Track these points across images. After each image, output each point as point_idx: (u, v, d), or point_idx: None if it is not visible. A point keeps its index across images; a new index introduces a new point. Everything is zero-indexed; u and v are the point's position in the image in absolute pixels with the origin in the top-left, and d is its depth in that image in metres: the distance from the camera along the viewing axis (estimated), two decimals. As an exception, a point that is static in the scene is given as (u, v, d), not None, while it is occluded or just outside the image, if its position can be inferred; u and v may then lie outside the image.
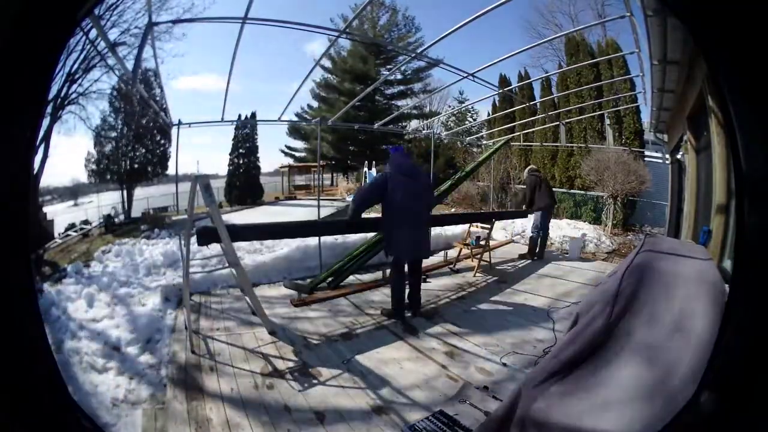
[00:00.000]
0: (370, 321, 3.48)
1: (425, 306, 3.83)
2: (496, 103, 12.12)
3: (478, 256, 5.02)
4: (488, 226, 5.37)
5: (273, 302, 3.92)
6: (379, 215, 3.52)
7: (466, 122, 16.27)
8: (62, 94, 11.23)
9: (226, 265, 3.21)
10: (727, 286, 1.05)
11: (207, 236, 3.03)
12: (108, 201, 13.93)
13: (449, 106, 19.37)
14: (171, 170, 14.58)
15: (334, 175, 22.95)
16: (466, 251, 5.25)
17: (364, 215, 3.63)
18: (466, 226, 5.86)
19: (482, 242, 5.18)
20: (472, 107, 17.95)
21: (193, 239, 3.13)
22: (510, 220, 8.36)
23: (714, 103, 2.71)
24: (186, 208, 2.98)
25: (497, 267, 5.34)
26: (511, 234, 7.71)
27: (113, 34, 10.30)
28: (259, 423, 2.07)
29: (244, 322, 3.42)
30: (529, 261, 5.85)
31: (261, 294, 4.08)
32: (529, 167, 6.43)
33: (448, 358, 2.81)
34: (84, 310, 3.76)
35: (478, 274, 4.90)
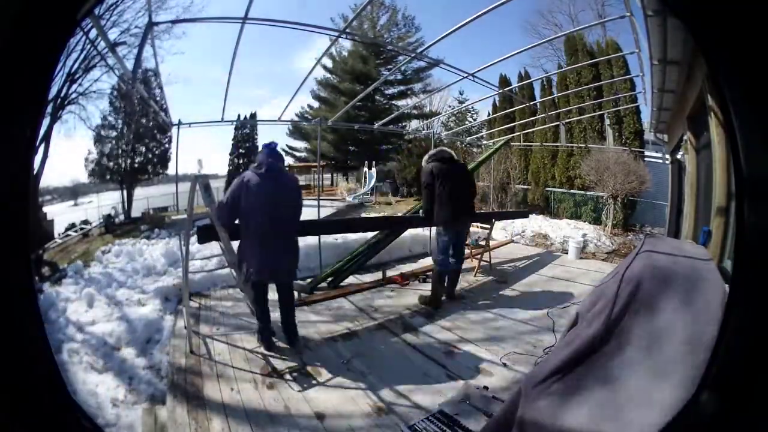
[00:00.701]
0: (370, 321, 3.48)
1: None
2: (497, 103, 12.12)
3: (478, 256, 5.02)
4: (488, 226, 5.38)
5: (273, 303, 3.92)
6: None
7: (466, 122, 16.27)
8: (62, 94, 11.24)
9: (226, 265, 3.21)
10: (727, 286, 1.05)
11: (207, 235, 3.03)
12: (108, 201, 13.94)
13: (449, 106, 19.37)
14: (171, 170, 14.61)
15: (334, 175, 22.96)
16: (466, 251, 5.25)
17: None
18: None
19: (482, 242, 5.18)
20: (472, 107, 17.95)
21: (193, 239, 3.13)
22: (510, 220, 8.38)
23: (714, 103, 2.71)
24: (186, 208, 2.97)
25: (497, 267, 5.34)
26: (511, 234, 7.72)
27: (113, 34, 10.33)
28: (258, 423, 2.07)
29: (244, 322, 3.42)
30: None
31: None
32: (438, 149, 3.86)
33: (448, 358, 2.81)
34: (84, 311, 3.76)
35: (478, 275, 4.90)
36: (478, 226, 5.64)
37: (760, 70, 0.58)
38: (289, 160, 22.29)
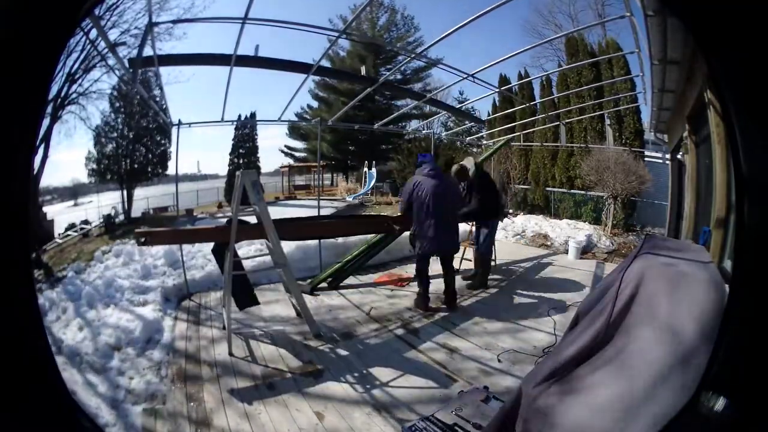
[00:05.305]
0: (371, 321, 3.48)
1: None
2: (497, 103, 12.11)
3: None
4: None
5: (272, 303, 3.92)
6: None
7: (466, 122, 16.25)
8: (62, 94, 11.24)
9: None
10: (727, 286, 1.05)
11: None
12: (108, 201, 13.94)
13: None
14: (171, 170, 14.60)
15: (334, 175, 22.95)
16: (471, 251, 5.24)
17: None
18: (468, 225, 5.84)
19: None
20: (472, 107, 17.89)
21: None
22: (510, 220, 8.38)
23: (714, 103, 2.71)
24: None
25: (502, 267, 5.33)
26: (512, 234, 7.71)
27: (113, 35, 10.32)
28: (258, 423, 2.07)
29: (245, 322, 3.42)
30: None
31: (261, 294, 4.08)
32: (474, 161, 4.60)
33: (448, 357, 2.81)
34: (84, 310, 3.76)
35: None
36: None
37: (760, 70, 0.58)
38: (288, 161, 22.29)
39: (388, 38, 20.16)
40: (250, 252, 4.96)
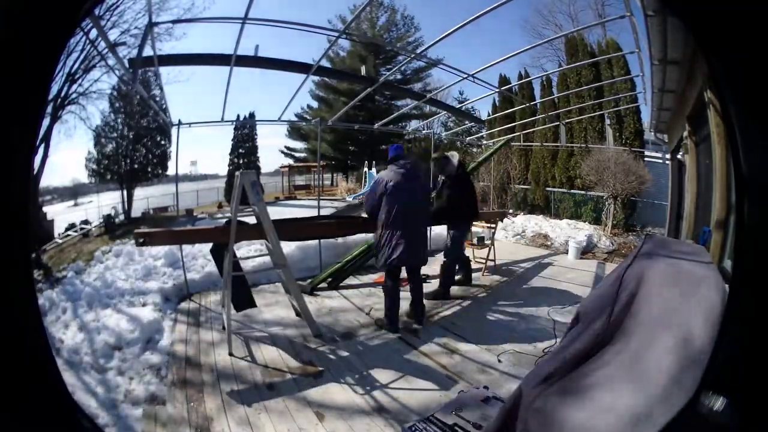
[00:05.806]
0: (371, 321, 3.48)
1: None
2: (497, 103, 12.12)
3: (484, 256, 5.01)
4: (493, 225, 5.36)
5: (272, 303, 3.92)
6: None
7: (466, 122, 16.25)
8: (62, 94, 11.25)
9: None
10: (727, 286, 1.05)
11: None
12: (108, 201, 13.96)
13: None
14: (171, 170, 14.62)
15: (334, 175, 22.96)
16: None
17: None
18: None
19: (487, 242, 5.15)
20: (472, 107, 17.89)
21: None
22: (510, 220, 8.39)
23: (714, 103, 2.71)
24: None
25: (502, 267, 5.33)
26: (512, 234, 7.71)
27: (113, 35, 10.33)
28: (259, 423, 2.07)
29: (245, 323, 3.42)
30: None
31: (261, 295, 4.08)
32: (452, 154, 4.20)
33: (448, 357, 2.81)
34: (84, 310, 3.76)
35: (486, 274, 4.90)
36: (483, 226, 5.62)
37: (760, 70, 0.58)
38: (288, 161, 22.30)
39: (388, 38, 20.16)
40: (250, 252, 4.97)
